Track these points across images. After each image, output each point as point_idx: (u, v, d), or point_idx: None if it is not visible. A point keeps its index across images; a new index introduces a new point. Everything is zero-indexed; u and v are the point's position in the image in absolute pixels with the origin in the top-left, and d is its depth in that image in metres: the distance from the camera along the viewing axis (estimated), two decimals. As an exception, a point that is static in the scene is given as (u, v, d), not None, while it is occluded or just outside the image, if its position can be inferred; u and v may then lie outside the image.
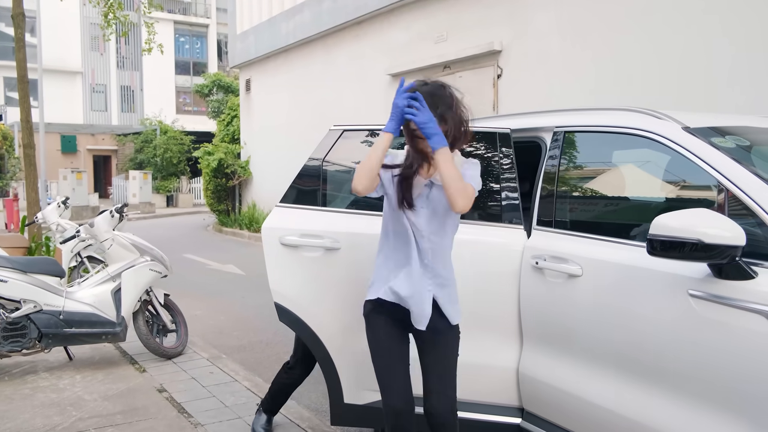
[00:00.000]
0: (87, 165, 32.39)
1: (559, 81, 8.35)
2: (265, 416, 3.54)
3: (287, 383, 3.46)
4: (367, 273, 3.00)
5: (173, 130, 29.44)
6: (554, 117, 3.11)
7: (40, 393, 4.22)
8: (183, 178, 28.80)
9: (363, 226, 3.06)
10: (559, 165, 2.94)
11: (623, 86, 7.48)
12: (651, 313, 2.33)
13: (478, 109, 9.34)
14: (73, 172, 21.47)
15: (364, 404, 3.07)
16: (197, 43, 39.49)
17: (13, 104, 31.13)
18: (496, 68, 9.39)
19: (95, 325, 4.68)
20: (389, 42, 11.73)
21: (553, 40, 8.49)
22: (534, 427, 2.84)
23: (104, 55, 36.37)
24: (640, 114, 2.72)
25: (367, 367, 3.03)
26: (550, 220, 2.88)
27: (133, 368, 4.78)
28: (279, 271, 3.08)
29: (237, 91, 23.50)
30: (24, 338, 4.46)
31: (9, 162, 25.79)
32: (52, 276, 4.69)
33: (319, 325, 3.05)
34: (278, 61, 15.71)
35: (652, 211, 2.63)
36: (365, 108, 12.22)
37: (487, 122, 3.53)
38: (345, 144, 3.27)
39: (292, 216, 3.14)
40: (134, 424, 3.67)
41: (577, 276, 2.61)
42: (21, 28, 8.64)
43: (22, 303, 4.47)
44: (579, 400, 2.62)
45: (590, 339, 2.58)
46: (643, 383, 2.38)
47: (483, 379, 2.95)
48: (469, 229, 2.98)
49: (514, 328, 2.90)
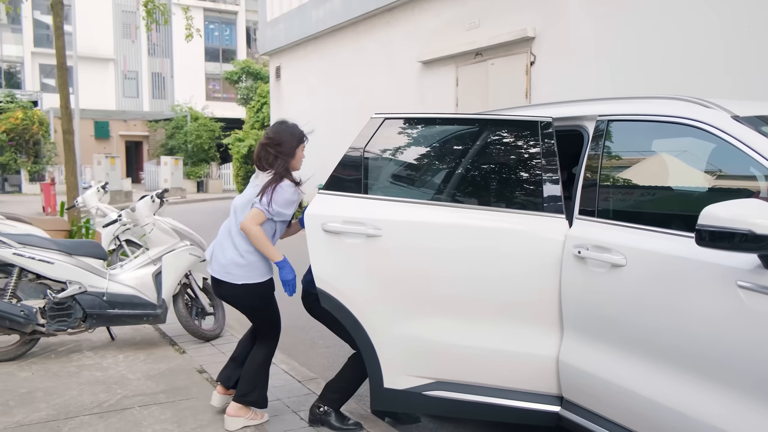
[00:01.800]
0: (119, 150, 32.95)
1: (592, 67, 8.27)
2: (336, 413, 3.48)
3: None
4: (408, 260, 3.05)
5: (203, 116, 29.76)
6: (597, 105, 3.10)
7: (85, 371, 4.36)
8: (213, 164, 29.13)
9: (404, 214, 3.10)
10: (602, 154, 2.93)
11: (656, 70, 7.38)
12: (698, 304, 2.32)
13: (511, 97, 9.30)
14: (107, 158, 21.86)
15: (403, 389, 3.11)
16: (226, 30, 39.71)
17: (48, 90, 31.80)
18: (529, 55, 9.31)
19: (137, 306, 4.80)
20: (420, 29, 11.69)
21: (586, 24, 8.39)
22: (573, 416, 2.86)
23: (136, 42, 36.81)
24: (687, 102, 2.70)
25: (406, 353, 3.09)
26: (592, 210, 2.88)
27: (173, 349, 4.90)
28: (322, 257, 3.13)
29: (266, 77, 23.65)
30: (70, 318, 4.60)
31: (45, 147, 26.34)
32: (96, 258, 4.82)
33: (361, 310, 3.09)
34: (308, 49, 15.76)
35: (698, 201, 2.62)
36: (395, 95, 12.21)
37: (528, 111, 3.54)
38: (386, 132, 3.30)
39: (334, 203, 3.18)
40: (177, 403, 3.78)
41: (621, 266, 2.61)
42: (59, 16, 8.80)
43: (68, 284, 4.61)
44: (620, 390, 2.63)
45: (633, 329, 2.59)
46: (687, 374, 2.37)
47: (522, 367, 2.97)
48: (510, 219, 3.00)
49: (554, 316, 2.92)
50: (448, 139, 3.42)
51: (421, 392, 3.10)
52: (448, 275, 3.02)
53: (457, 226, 3.02)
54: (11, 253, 4.48)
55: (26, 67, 34.47)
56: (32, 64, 34.40)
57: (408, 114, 3.39)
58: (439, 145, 3.43)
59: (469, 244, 3.00)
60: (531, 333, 2.95)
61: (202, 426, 3.45)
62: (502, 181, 3.25)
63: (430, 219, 3.06)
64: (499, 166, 3.26)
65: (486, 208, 3.11)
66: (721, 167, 2.65)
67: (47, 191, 15.91)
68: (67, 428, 3.41)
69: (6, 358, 4.53)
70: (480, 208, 3.11)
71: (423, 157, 3.42)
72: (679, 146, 2.85)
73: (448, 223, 3.03)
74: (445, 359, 3.08)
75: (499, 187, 3.24)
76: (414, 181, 3.41)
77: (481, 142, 3.25)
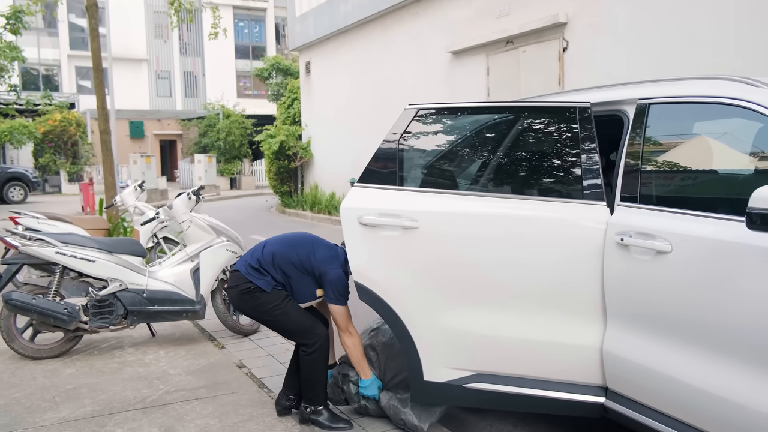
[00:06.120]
0: (154, 149, 33.48)
1: (625, 51, 8.08)
2: (327, 411, 3.47)
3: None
4: (445, 251, 3.02)
5: (235, 113, 30.05)
6: (637, 89, 3.01)
7: (128, 367, 4.44)
8: (245, 161, 29.41)
9: (440, 205, 3.06)
10: (644, 138, 2.85)
11: (690, 51, 7.17)
12: (749, 290, 2.24)
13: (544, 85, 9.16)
14: (142, 157, 22.21)
15: (444, 382, 3.08)
16: (255, 27, 39.96)
17: (84, 92, 32.46)
18: (562, 41, 9.14)
19: (176, 303, 4.86)
20: (449, 19, 11.57)
21: (619, 7, 8.20)
22: (619, 406, 2.79)
23: (168, 42, 37.28)
24: (733, 82, 2.60)
25: (446, 345, 3.05)
26: (634, 196, 2.80)
27: (212, 345, 4.95)
28: (359, 251, 3.12)
29: (296, 73, 23.74)
30: (111, 315, 4.68)
31: (83, 148, 26.92)
32: (135, 256, 4.90)
33: (399, 303, 3.07)
34: (337, 43, 15.76)
35: (746, 184, 2.52)
36: (425, 87, 12.13)
37: (563, 97, 3.46)
38: (419, 123, 3.26)
39: (370, 196, 3.16)
40: (218, 398, 3.81)
41: (666, 252, 2.53)
42: (95, 18, 8.96)
43: (109, 281, 4.69)
44: (667, 379, 2.56)
45: (680, 317, 2.51)
46: (738, 362, 2.30)
47: (565, 357, 2.92)
48: (550, 207, 2.94)
49: (597, 305, 2.85)
50: (483, 128, 3.36)
51: (462, 385, 3.07)
52: (487, 266, 2.98)
53: (495, 216, 2.98)
54: (54, 252, 4.58)
55: (63, 69, 35.20)
56: (69, 67, 35.11)
57: (441, 104, 3.35)
58: (473, 134, 3.38)
59: (508, 234, 2.95)
60: (573, 323, 2.90)
61: (243, 421, 3.47)
62: (540, 169, 3.19)
63: (466, 210, 3.02)
64: (537, 153, 3.20)
65: (524, 197, 3.05)
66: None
67: (86, 191, 16.23)
68: (111, 423, 3.47)
69: (51, 355, 4.64)
70: (518, 197, 3.05)
71: (458, 147, 3.37)
72: (724, 127, 2.75)
73: (485, 213, 2.99)
74: (485, 351, 3.04)
75: (537, 176, 3.18)
76: (450, 171, 3.37)
77: (517, 130, 3.19)
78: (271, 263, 3.39)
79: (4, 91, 19.47)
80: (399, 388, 3.39)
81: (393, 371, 3.42)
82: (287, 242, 3.49)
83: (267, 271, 3.38)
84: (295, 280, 3.39)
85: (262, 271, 3.38)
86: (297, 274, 3.39)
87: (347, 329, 3.31)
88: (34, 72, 34.96)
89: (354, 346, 3.32)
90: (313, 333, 3.37)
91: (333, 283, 3.30)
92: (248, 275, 3.40)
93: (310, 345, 3.36)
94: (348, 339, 3.31)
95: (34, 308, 4.46)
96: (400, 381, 3.39)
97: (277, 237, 3.57)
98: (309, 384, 3.39)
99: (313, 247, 3.42)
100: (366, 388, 3.36)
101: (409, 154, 3.27)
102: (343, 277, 3.34)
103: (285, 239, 3.52)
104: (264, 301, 3.38)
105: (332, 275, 3.31)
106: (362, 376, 3.36)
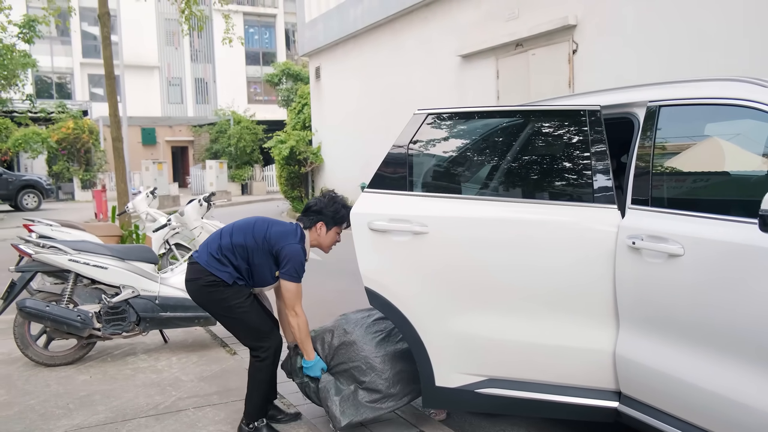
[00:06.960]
0: (166, 156, 33.68)
1: (635, 53, 8.04)
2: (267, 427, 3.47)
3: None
4: (455, 256, 3.01)
5: (246, 119, 30.19)
6: (647, 91, 2.99)
7: (140, 374, 4.46)
8: (256, 167, 29.53)
9: (450, 210, 3.06)
10: (655, 141, 2.83)
11: (700, 52, 7.13)
12: (762, 292, 2.22)
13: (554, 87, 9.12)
14: (154, 163, 22.38)
15: (455, 387, 3.08)
16: (266, 33, 40.16)
17: (96, 99, 32.75)
18: (571, 43, 9.11)
19: (188, 309, 4.87)
20: (458, 22, 11.57)
21: (628, 8, 8.17)
22: (632, 411, 2.77)
23: (179, 49, 37.54)
24: (744, 83, 2.58)
25: (457, 350, 3.05)
26: (645, 199, 2.78)
27: (224, 351, 4.97)
28: (369, 256, 3.11)
29: (306, 79, 23.81)
30: (124, 321, 4.71)
31: (95, 155, 27.15)
32: (147, 263, 4.92)
33: (409, 308, 3.07)
34: (347, 48, 15.80)
35: (759, 186, 2.50)
36: (435, 91, 12.13)
37: (573, 100, 3.45)
38: (429, 128, 3.26)
39: (379, 201, 3.16)
40: (230, 405, 3.82)
41: (679, 255, 2.51)
42: (107, 26, 9.03)
43: (122, 288, 4.72)
44: (681, 383, 2.54)
45: (693, 320, 2.49)
46: (753, 365, 2.27)
47: (577, 361, 2.90)
48: (560, 211, 2.93)
49: (609, 309, 2.83)
50: (493, 133, 3.36)
51: (474, 390, 3.06)
52: (498, 270, 2.97)
53: (505, 220, 2.97)
54: (67, 260, 4.62)
55: (76, 77, 35.53)
56: (81, 75, 35.44)
57: (451, 109, 3.35)
58: (483, 138, 3.37)
59: (518, 238, 2.94)
60: (585, 327, 2.88)
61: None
62: (550, 173, 3.18)
63: (477, 214, 3.01)
64: (547, 157, 3.19)
65: (535, 200, 3.04)
66: (783, 150, 2.53)
67: (99, 198, 16.37)
68: (125, 430, 3.49)
69: (65, 362, 4.67)
70: (528, 201, 3.04)
71: (468, 152, 3.37)
72: (735, 129, 2.73)
73: (495, 217, 2.98)
74: (496, 355, 3.03)
75: (547, 179, 3.17)
76: (459, 176, 3.37)
77: (526, 133, 3.18)
78: (231, 249, 3.32)
79: (19, 100, 19.68)
80: (343, 377, 3.36)
81: (341, 359, 3.39)
82: (242, 226, 3.42)
83: (228, 260, 3.31)
84: (255, 263, 3.33)
85: (224, 261, 3.31)
86: (256, 256, 3.32)
87: (294, 308, 3.29)
88: (47, 80, 35.33)
89: (298, 327, 3.30)
90: (270, 338, 3.37)
91: (289, 258, 3.26)
92: (209, 266, 3.33)
93: (265, 350, 3.34)
94: (293, 319, 3.29)
95: (47, 315, 4.50)
96: (345, 370, 3.35)
97: (231, 224, 3.51)
98: (250, 396, 3.36)
99: (269, 225, 3.39)
100: (309, 369, 3.37)
101: (418, 159, 3.27)
102: (300, 252, 3.30)
103: (239, 224, 3.46)
104: (228, 296, 3.33)
105: (288, 249, 3.27)
106: (306, 356, 3.36)
